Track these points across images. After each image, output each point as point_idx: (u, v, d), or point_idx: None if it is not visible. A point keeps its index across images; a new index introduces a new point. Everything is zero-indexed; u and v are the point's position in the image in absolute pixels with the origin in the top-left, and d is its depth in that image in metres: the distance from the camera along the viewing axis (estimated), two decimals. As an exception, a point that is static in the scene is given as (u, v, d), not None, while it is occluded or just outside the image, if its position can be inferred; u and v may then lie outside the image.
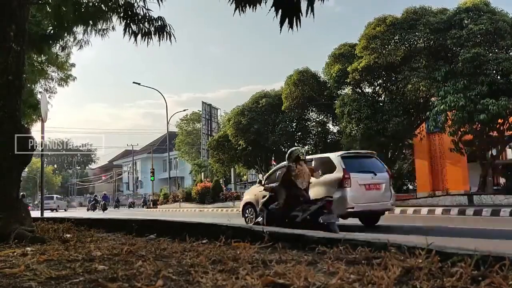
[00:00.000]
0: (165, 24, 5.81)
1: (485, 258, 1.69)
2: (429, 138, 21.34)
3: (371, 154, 10.34)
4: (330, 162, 9.22)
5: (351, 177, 8.78)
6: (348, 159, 9.36)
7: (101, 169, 71.58)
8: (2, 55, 3.74)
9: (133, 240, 3.40)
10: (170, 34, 5.83)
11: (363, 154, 10.80)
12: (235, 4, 3.66)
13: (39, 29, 7.43)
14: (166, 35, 5.81)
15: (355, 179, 8.84)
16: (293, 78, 22.30)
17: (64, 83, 14.28)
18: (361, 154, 10.87)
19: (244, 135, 24.88)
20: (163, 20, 5.81)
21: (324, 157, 9.69)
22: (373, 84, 20.18)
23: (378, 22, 18.07)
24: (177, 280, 1.82)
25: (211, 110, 38.55)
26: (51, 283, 1.86)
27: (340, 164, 9.02)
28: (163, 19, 5.82)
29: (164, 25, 5.80)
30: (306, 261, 2.11)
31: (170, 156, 42.11)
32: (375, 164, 9.70)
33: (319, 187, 8.70)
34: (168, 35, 5.82)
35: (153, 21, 5.78)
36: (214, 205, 27.94)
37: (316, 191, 8.40)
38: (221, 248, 2.61)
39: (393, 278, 1.63)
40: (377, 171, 9.35)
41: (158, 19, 5.79)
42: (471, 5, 16.64)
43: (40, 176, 12.87)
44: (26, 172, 54.13)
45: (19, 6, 3.90)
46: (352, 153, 10.66)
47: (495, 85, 15.20)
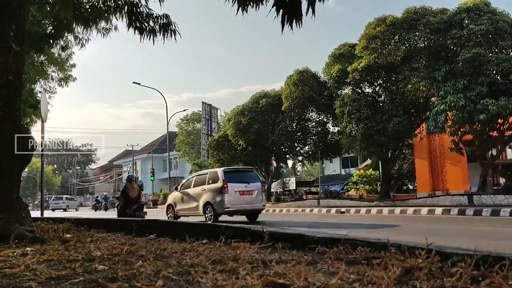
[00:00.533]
0: (170, 22, 5.79)
1: (485, 258, 1.69)
2: (429, 138, 21.36)
3: (249, 169, 14.30)
4: (217, 174, 12.35)
5: (228, 186, 11.75)
6: (229, 173, 12.42)
7: (101, 169, 71.55)
8: (2, 55, 3.73)
9: (133, 240, 3.40)
10: (175, 32, 5.81)
11: (242, 169, 15.74)
12: (238, 4, 3.66)
13: (39, 29, 7.43)
14: (171, 33, 5.79)
15: (231, 187, 11.77)
16: (293, 78, 22.31)
17: (64, 83, 14.31)
18: (241, 169, 15.91)
19: (244, 135, 24.89)
20: (168, 17, 5.79)
21: (214, 171, 13.01)
22: (373, 84, 20.18)
23: (378, 22, 18.08)
24: (177, 280, 1.82)
25: (211, 110, 38.58)
26: (51, 283, 1.86)
27: (221, 176, 12.00)
28: (168, 17, 5.80)
29: (169, 23, 5.78)
30: (306, 261, 2.11)
31: (170, 156, 42.10)
32: (250, 176, 12.80)
33: (209, 192, 12.09)
34: (172, 33, 5.80)
35: (158, 19, 5.76)
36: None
37: (207, 195, 12.10)
38: (221, 248, 2.61)
39: (393, 278, 1.63)
40: (251, 181, 12.36)
41: (164, 17, 5.77)
42: (471, 5, 16.64)
43: (40, 176, 12.86)
44: (26, 172, 54.22)
45: (19, 6, 3.90)
46: (233, 168, 14.83)
47: (495, 85, 15.20)
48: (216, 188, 11.89)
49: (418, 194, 20.72)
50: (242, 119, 25.06)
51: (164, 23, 5.75)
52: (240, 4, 3.66)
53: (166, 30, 5.76)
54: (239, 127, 25.03)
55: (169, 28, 5.76)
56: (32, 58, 10.70)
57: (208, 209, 12.01)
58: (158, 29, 5.74)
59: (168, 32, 5.76)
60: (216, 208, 11.76)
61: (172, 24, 5.78)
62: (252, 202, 12.11)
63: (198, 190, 12.59)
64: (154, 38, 5.74)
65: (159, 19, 5.74)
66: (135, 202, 11.03)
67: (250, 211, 12.27)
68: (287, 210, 19.94)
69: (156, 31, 5.75)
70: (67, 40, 8.15)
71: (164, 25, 5.75)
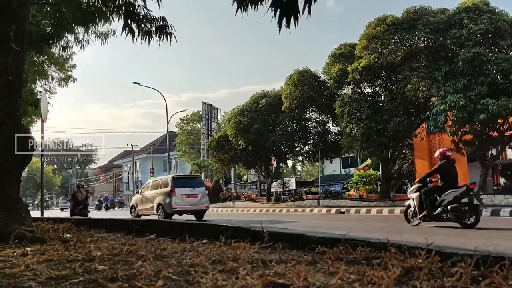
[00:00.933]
0: (166, 24, 5.79)
1: (485, 258, 1.69)
2: (429, 138, 21.34)
3: (195, 176, 18.96)
4: (167, 180, 14.60)
5: (175, 190, 13.86)
6: (177, 179, 14.68)
7: (101, 169, 71.56)
8: (2, 55, 3.73)
9: (133, 240, 3.40)
10: (171, 34, 5.81)
11: (189, 176, 19.77)
12: (237, 4, 3.66)
13: (39, 29, 7.42)
14: (167, 35, 5.79)
15: (178, 191, 13.89)
16: (293, 78, 22.29)
17: (64, 84, 14.30)
18: (188, 176, 19.39)
19: (244, 135, 24.88)
20: (164, 19, 5.79)
21: (165, 178, 15.37)
22: (373, 84, 20.17)
23: (378, 22, 18.06)
24: (177, 280, 1.82)
25: (211, 110, 38.52)
26: (51, 283, 1.86)
27: (170, 182, 14.22)
28: (165, 19, 5.80)
29: (165, 25, 5.78)
30: (306, 261, 2.11)
31: (170, 156, 42.06)
32: (196, 182, 15.22)
33: (161, 195, 14.20)
34: (169, 35, 5.80)
35: (154, 21, 5.76)
36: (214, 205, 27.95)
37: (159, 198, 14.21)
38: (221, 248, 2.61)
39: (393, 278, 1.63)
40: (196, 186, 14.56)
41: (160, 19, 5.77)
42: (470, 4, 16.63)
43: (40, 176, 12.91)
44: (26, 172, 54.32)
45: (19, 6, 3.90)
46: (181, 175, 17.57)
47: (495, 85, 15.19)
48: (166, 192, 13.99)
49: (418, 194, 20.66)
50: (242, 119, 25.05)
51: (161, 25, 5.75)
52: (239, 4, 3.66)
53: (162, 32, 5.76)
54: (239, 127, 25.02)
55: (165, 30, 5.77)
56: (32, 58, 10.69)
57: (160, 209, 14.07)
58: (154, 31, 5.74)
59: (164, 34, 5.76)
60: (165, 209, 13.78)
61: (168, 27, 5.79)
62: (196, 204, 14.20)
63: (153, 193, 14.79)
64: (150, 40, 5.75)
65: (155, 21, 5.74)
66: (81, 203, 13.12)
67: (195, 211, 14.28)
68: (287, 210, 19.94)
69: (152, 33, 5.75)
70: (67, 40, 8.15)
71: (160, 27, 5.75)
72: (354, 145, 19.68)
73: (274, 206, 22.35)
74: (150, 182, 16.20)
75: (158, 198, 14.29)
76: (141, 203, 15.51)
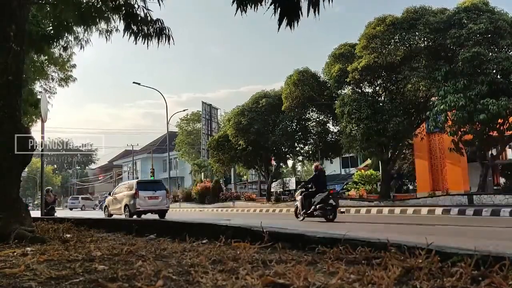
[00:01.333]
0: (164, 27, 5.82)
1: (485, 258, 1.69)
2: (429, 138, 21.34)
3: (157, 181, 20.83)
4: (133, 184, 16.60)
5: (139, 193, 15.74)
6: (141, 183, 16.74)
7: (101, 169, 71.49)
8: (2, 55, 3.73)
9: (133, 240, 3.40)
10: (169, 37, 5.84)
11: (152, 180, 22.70)
12: (237, 4, 3.66)
13: (39, 29, 7.42)
14: (165, 38, 5.82)
15: (142, 194, 15.81)
16: (293, 78, 22.29)
17: (64, 84, 14.31)
18: (150, 180, 22.25)
19: (244, 135, 24.87)
20: (161, 22, 5.81)
21: (131, 182, 17.40)
22: (373, 84, 20.16)
23: (378, 21, 18.07)
24: (177, 280, 1.82)
25: (211, 110, 38.51)
26: (51, 283, 1.86)
27: (135, 186, 16.16)
28: (162, 21, 5.82)
29: (163, 28, 5.80)
30: (306, 261, 2.11)
31: (170, 156, 42.05)
32: (158, 186, 17.13)
33: (127, 197, 16.01)
34: (166, 38, 5.82)
35: (152, 23, 5.77)
36: (214, 205, 27.97)
37: (126, 199, 16.03)
38: (221, 248, 2.61)
39: (393, 278, 1.63)
40: (158, 190, 16.50)
41: (157, 21, 5.79)
42: (470, 4, 16.64)
43: (40, 176, 12.93)
44: (26, 172, 54.43)
45: (19, 6, 3.90)
46: (144, 180, 21.19)
47: (495, 85, 15.19)
48: (131, 194, 15.88)
49: (418, 194, 20.69)
50: (242, 119, 25.05)
51: (159, 28, 5.76)
52: (239, 4, 3.66)
53: (160, 34, 5.78)
54: (239, 127, 25.01)
55: (164, 32, 5.79)
56: (32, 58, 10.69)
57: (126, 209, 15.89)
58: (153, 33, 5.77)
59: (162, 36, 5.79)
60: (130, 209, 15.59)
61: (166, 30, 5.81)
62: (158, 205, 16.15)
63: (121, 195, 16.65)
64: (148, 42, 5.77)
65: (154, 23, 5.76)
66: (49, 204, 16.23)
67: (156, 210, 16.20)
68: (287, 210, 19.94)
69: (151, 35, 5.77)
70: (67, 41, 8.14)
71: (159, 30, 5.77)
72: (354, 145, 19.67)
73: (274, 206, 22.34)
74: (120, 186, 18.39)
75: (125, 199, 16.14)
76: (112, 203, 17.39)
